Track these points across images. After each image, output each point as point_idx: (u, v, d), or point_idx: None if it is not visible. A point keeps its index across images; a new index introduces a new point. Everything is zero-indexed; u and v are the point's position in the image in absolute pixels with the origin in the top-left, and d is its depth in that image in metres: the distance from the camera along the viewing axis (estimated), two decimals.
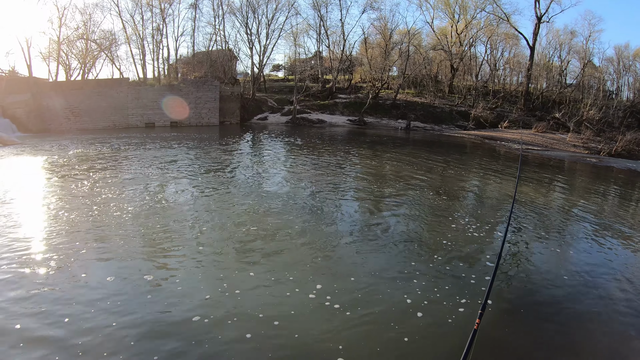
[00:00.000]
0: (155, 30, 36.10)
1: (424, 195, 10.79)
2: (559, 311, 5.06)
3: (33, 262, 5.71)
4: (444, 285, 5.52)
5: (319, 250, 6.61)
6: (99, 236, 6.79)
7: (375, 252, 6.66)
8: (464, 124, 36.64)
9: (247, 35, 37.73)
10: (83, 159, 14.21)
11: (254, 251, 6.43)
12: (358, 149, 20.69)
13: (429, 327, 4.54)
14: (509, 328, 4.67)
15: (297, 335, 4.28)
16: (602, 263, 6.86)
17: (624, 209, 11.59)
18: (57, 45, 31.76)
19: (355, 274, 5.73)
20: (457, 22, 42.23)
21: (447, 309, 4.89)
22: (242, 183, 11.45)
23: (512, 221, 8.76)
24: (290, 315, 4.63)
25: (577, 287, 5.79)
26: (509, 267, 6.44)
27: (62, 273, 5.40)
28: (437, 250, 6.83)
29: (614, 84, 44.38)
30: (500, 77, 46.00)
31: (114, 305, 4.66)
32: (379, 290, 5.31)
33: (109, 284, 5.16)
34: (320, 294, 5.08)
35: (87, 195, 9.31)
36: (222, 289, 5.15)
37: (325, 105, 37.97)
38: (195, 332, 4.24)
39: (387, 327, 4.48)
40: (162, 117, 29.63)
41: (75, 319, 4.35)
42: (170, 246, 6.50)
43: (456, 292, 5.31)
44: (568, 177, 17.31)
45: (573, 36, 42.17)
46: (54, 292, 4.92)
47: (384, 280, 5.58)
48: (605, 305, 5.31)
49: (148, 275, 5.43)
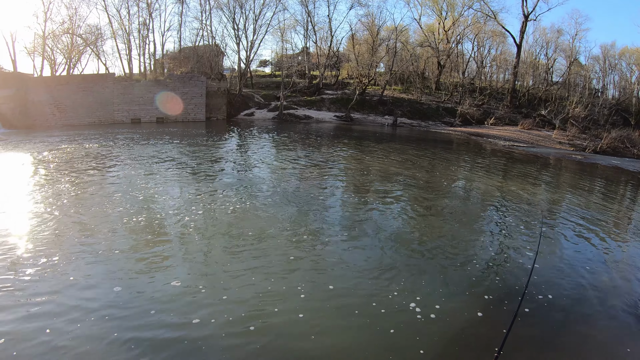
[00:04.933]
0: (142, 25, 36.07)
1: (410, 191, 10.99)
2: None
3: (17, 258, 5.79)
4: (428, 278, 5.73)
5: (305, 245, 6.77)
6: (83, 233, 6.83)
7: (361, 247, 6.79)
8: (451, 121, 37.08)
9: (234, 30, 37.75)
10: (68, 155, 14.22)
11: (240, 247, 6.53)
12: (344, 145, 20.80)
13: (417, 318, 4.72)
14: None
15: (285, 333, 4.42)
16: (588, 256, 7.06)
17: (610, 204, 11.85)
18: (42, 40, 31.63)
19: (341, 270, 5.91)
20: (444, 19, 42.54)
21: (436, 301, 5.09)
22: (227, 180, 11.44)
23: (498, 217, 9.09)
24: (278, 311, 4.78)
25: (568, 282, 5.97)
26: (497, 263, 6.58)
27: (47, 271, 5.45)
28: (423, 245, 7.04)
29: (600, 82, 45.14)
30: (487, 74, 46.57)
31: (101, 305, 4.75)
32: (367, 285, 5.45)
33: (96, 283, 5.23)
34: (306, 290, 5.27)
35: (72, 192, 9.31)
36: (208, 285, 5.27)
37: (312, 101, 38.18)
38: (183, 328, 4.37)
39: (375, 321, 4.63)
40: (148, 112, 29.72)
41: (62, 320, 4.42)
42: (155, 244, 6.58)
43: (441, 285, 5.53)
44: (553, 173, 17.57)
45: (560, 34, 42.80)
46: (39, 288, 5.03)
47: (372, 276, 5.73)
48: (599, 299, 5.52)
49: (134, 272, 5.54)
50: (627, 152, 26.74)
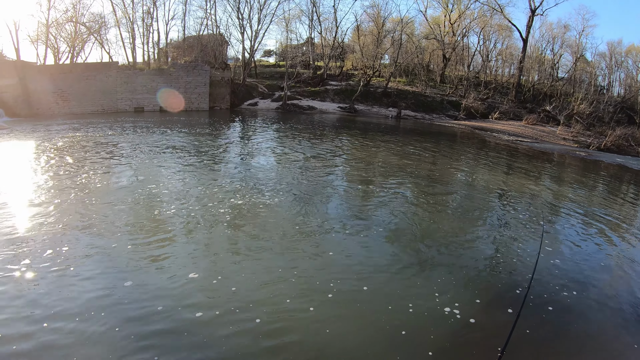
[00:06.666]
0: (146, 14, 35.70)
1: (414, 185, 10.97)
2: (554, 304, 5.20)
3: (19, 248, 5.77)
4: (433, 275, 5.72)
5: (308, 237, 6.78)
6: (86, 224, 6.81)
7: (365, 241, 6.79)
8: (455, 114, 36.87)
9: (239, 20, 37.41)
10: (71, 144, 14.21)
11: (247, 241, 6.54)
12: (348, 136, 20.73)
13: (414, 314, 4.73)
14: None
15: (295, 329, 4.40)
16: (589, 255, 7.04)
17: (613, 202, 11.83)
18: (46, 28, 31.37)
19: (346, 263, 5.91)
20: (450, 11, 42.12)
21: (434, 300, 5.08)
22: (231, 169, 11.47)
23: (501, 214, 9.08)
24: (286, 305, 4.78)
25: (569, 281, 5.93)
26: (500, 260, 6.55)
27: (48, 263, 5.44)
28: (425, 240, 7.02)
29: (606, 79, 44.53)
30: (492, 68, 46.11)
31: (105, 298, 4.72)
32: (372, 280, 5.45)
33: (100, 276, 5.23)
34: (313, 283, 5.29)
35: (75, 181, 9.31)
36: (211, 277, 5.29)
37: (316, 92, 38.00)
38: (187, 321, 4.38)
39: (379, 316, 4.64)
40: (152, 101, 29.65)
41: (61, 314, 4.40)
42: (159, 235, 6.57)
43: (446, 282, 5.52)
44: (557, 169, 17.51)
45: (566, 30, 42.28)
46: (42, 282, 4.98)
47: (377, 271, 5.72)
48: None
49: (138, 265, 5.54)
50: (631, 151, 26.64)
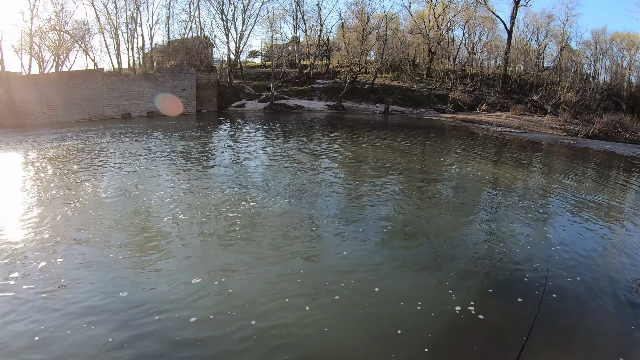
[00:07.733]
0: (130, 19, 35.69)
1: (407, 180, 11.10)
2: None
3: (10, 256, 5.90)
4: (427, 272, 5.81)
5: (304, 238, 6.88)
6: (77, 230, 6.91)
7: (363, 240, 6.83)
8: (442, 107, 37.14)
9: (223, 21, 37.41)
10: (59, 153, 14.29)
11: (238, 242, 6.64)
12: (337, 133, 20.92)
13: (411, 310, 4.81)
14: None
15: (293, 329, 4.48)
16: (586, 242, 7.24)
17: (603, 187, 12.08)
18: (30, 38, 31.35)
19: (346, 263, 5.99)
20: (434, 5, 42.27)
21: (430, 294, 5.19)
22: (221, 172, 11.59)
23: (493, 206, 9.24)
24: (282, 305, 4.87)
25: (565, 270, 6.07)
26: (495, 253, 6.65)
27: (40, 270, 5.51)
28: (417, 237, 7.13)
29: (591, 67, 44.97)
30: (478, 61, 46.33)
31: (98, 305, 4.80)
32: (373, 280, 5.49)
33: (94, 283, 5.29)
34: (306, 282, 5.40)
35: (64, 190, 9.43)
36: (208, 282, 5.35)
37: (303, 90, 38.14)
38: (185, 327, 4.44)
39: (378, 317, 4.69)
40: (139, 107, 29.70)
41: (55, 321, 4.47)
42: (152, 240, 6.67)
43: (450, 278, 5.61)
44: (546, 158, 17.76)
45: (550, 20, 42.61)
46: (35, 290, 5.08)
47: (377, 270, 5.79)
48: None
49: (132, 272, 5.62)
50: (619, 137, 26.97)
